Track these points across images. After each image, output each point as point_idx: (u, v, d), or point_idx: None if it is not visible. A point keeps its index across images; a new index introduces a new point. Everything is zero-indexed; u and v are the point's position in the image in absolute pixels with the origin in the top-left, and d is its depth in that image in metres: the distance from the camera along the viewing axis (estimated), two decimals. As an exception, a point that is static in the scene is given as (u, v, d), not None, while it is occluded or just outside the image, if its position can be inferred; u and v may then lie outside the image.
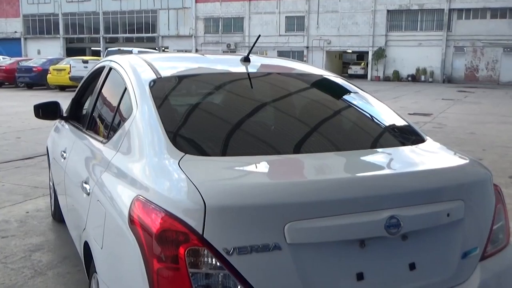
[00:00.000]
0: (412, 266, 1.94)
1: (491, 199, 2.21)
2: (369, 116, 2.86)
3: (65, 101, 4.09)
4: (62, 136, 3.97)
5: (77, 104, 3.96)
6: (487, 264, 2.12)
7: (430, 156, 2.39)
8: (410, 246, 1.94)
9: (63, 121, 4.06)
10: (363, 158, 2.30)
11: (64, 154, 3.51)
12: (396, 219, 1.84)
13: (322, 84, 3.11)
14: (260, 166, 2.08)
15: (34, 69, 24.52)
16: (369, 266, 1.87)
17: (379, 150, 2.43)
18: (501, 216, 2.24)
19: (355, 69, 44.92)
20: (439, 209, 1.98)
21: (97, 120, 3.21)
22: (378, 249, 1.88)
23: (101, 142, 2.75)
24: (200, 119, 2.54)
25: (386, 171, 2.18)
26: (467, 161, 2.31)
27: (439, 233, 2.00)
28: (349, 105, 2.99)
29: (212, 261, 1.69)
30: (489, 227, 2.16)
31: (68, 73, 22.16)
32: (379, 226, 1.83)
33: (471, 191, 2.12)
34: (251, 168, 2.07)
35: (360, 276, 1.84)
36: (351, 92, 3.02)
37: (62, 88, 23.28)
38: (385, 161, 2.33)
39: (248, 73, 2.90)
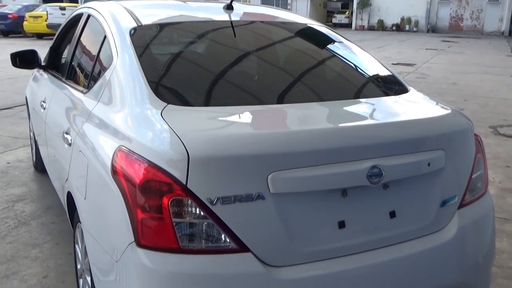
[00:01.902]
0: (392, 214, 1.98)
1: (471, 148, 2.24)
2: (353, 66, 2.84)
3: (43, 49, 3.99)
4: (41, 86, 3.89)
5: (55, 52, 3.87)
6: (465, 211, 2.17)
7: (413, 107, 2.40)
8: (391, 195, 1.97)
9: (41, 70, 3.97)
10: (346, 108, 2.30)
11: (44, 104, 3.45)
12: (378, 169, 1.87)
13: (306, 33, 3.06)
14: (243, 116, 2.07)
15: (10, 16, 23.71)
16: (351, 214, 1.90)
17: (363, 100, 2.43)
18: (480, 166, 2.28)
19: (339, 18, 44.26)
20: (421, 158, 2.00)
21: (77, 69, 3.14)
22: (360, 198, 1.91)
23: (81, 92, 2.70)
24: (182, 68, 2.50)
25: (369, 121, 2.19)
26: (449, 111, 2.33)
27: (419, 182, 2.04)
28: (333, 55, 2.96)
29: (196, 211, 1.70)
30: (468, 176, 2.20)
31: (45, 21, 21.50)
32: (361, 175, 1.85)
33: (452, 141, 2.15)
34: (234, 118, 2.06)
35: (341, 224, 1.88)
36: (336, 41, 2.99)
37: (40, 36, 22.64)
38: (368, 111, 2.33)
39: (231, 22, 2.84)
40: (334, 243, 1.87)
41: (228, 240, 1.73)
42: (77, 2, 40.23)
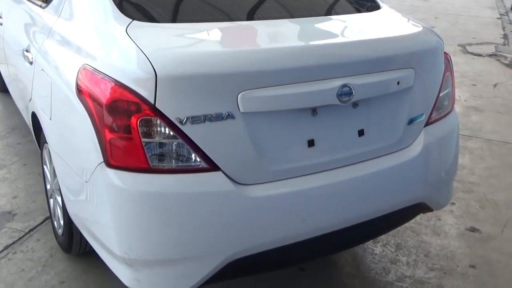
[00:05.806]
0: (361, 133, 2.00)
1: (440, 67, 2.24)
2: (325, -19, 2.75)
3: (-5, -41, 3.70)
4: (-4, 0, 3.66)
5: (9, -37, 3.60)
6: (431, 129, 2.22)
7: (384, 24, 2.37)
8: (360, 114, 1.98)
9: (-5, -18, 3.72)
10: (317, 25, 2.25)
11: (0, 20, 3.27)
12: (348, 88, 1.86)
13: None
14: (212, 33, 2.01)
15: None
16: (320, 133, 1.91)
17: (334, 17, 2.38)
18: (448, 84, 2.30)
19: None
20: (390, 77, 2.00)
21: (33, -19, 2.95)
22: (329, 117, 1.92)
23: (40, 6, 2.56)
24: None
25: (340, 39, 2.15)
26: (420, 29, 2.31)
27: (388, 100, 2.05)
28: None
29: (165, 131, 1.69)
30: (436, 94, 2.22)
31: None
32: (332, 94, 1.84)
33: (422, 59, 2.14)
34: (203, 35, 1.99)
35: (311, 143, 1.90)
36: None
37: None
38: (340, 29, 2.29)
39: None
40: (303, 161, 1.89)
41: (198, 160, 1.73)
42: None
